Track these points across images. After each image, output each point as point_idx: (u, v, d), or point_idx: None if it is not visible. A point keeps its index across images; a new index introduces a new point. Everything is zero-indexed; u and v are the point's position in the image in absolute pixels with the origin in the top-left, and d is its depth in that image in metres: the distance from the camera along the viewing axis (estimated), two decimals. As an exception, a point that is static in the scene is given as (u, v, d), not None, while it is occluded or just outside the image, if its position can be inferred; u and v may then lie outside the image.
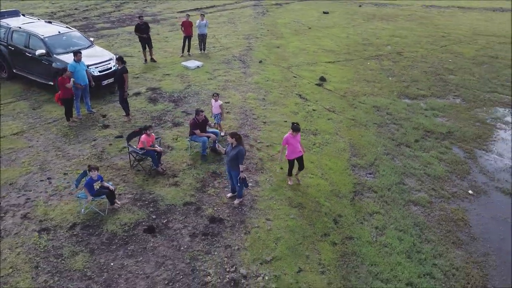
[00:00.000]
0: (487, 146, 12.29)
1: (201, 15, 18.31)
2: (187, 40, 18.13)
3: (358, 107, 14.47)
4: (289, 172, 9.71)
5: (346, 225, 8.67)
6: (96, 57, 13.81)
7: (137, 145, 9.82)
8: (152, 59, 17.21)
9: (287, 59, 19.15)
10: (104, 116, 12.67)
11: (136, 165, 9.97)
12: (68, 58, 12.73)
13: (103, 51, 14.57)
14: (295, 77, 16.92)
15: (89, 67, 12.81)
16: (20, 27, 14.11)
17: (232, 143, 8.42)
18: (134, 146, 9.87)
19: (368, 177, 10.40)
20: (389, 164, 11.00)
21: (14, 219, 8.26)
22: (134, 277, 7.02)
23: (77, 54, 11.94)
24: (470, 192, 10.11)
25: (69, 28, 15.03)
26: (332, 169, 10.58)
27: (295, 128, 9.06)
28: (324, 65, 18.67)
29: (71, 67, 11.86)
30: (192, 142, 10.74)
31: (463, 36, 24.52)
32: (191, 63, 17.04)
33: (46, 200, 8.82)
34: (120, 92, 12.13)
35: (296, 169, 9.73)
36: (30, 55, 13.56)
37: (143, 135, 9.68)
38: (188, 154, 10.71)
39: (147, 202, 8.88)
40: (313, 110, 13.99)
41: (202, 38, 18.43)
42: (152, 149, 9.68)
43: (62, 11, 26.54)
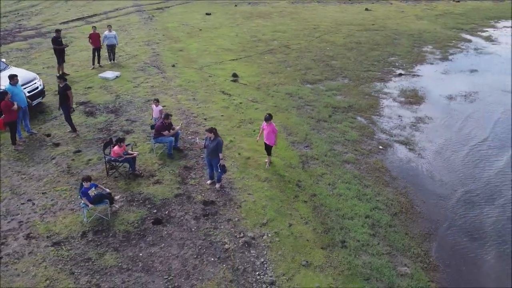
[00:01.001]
0: (379, 112, 15.91)
1: (108, 26, 18.64)
2: (97, 52, 18.29)
3: (275, 96, 16.90)
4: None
5: (307, 187, 10.95)
6: (20, 78, 13.49)
7: (110, 155, 10.54)
8: (64, 73, 17.07)
9: (195, 61, 20.65)
10: (49, 135, 12.68)
11: (113, 173, 10.69)
12: None
13: (25, 72, 14.23)
14: (211, 76, 18.60)
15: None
16: None
17: (210, 137, 9.94)
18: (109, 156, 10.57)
19: (307, 149, 12.86)
20: (318, 137, 13.65)
21: (19, 241, 8.50)
22: (166, 259, 8.19)
23: (14, 78, 11.82)
24: (381, 147, 13.35)
25: None
26: (278, 148, 12.70)
27: (265, 118, 10.97)
28: (230, 63, 20.70)
29: (9, 91, 11.69)
30: (156, 144, 11.77)
31: (330, 27, 29.03)
32: (109, 74, 17.39)
33: (41, 219, 9.13)
34: (65, 109, 12.37)
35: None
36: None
37: (116, 147, 10.44)
38: (155, 156, 11.73)
39: (142, 201, 9.85)
40: (240, 103, 15.95)
41: (111, 49, 18.77)
42: (130, 156, 10.55)
43: None
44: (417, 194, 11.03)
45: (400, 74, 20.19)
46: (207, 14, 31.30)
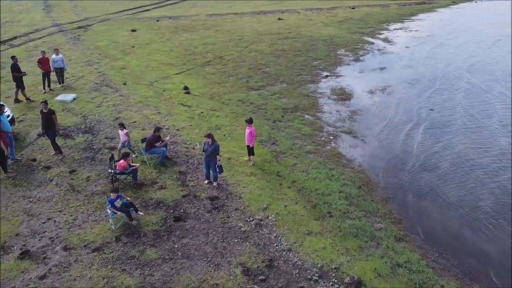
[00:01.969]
0: (321, 109, 18.76)
1: (55, 50, 18.90)
2: (47, 76, 18.49)
3: (229, 104, 18.85)
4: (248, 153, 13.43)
5: (286, 175, 13.15)
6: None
7: (116, 169, 11.64)
8: (28, 99, 17.27)
9: (142, 77, 21.68)
10: (34, 160, 13.14)
11: (117, 184, 11.77)
12: None
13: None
14: (164, 91, 19.90)
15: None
16: None
17: (208, 142, 11.64)
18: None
19: (274, 146, 15.08)
20: (279, 135, 15.95)
21: (59, 254, 9.37)
22: (199, 246, 9.75)
23: (1, 107, 12.19)
24: (331, 138, 16.10)
25: None
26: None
27: (245, 120, 12.89)
28: (176, 77, 22.11)
29: None
30: (148, 155, 13.02)
31: (253, 37, 31.69)
32: (66, 97, 17.78)
33: (70, 233, 10.02)
34: (51, 133, 12.98)
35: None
36: None
37: (122, 160, 11.59)
38: (149, 166, 12.97)
39: (156, 205, 11.17)
40: (201, 113, 17.62)
41: (60, 72, 19.05)
42: (134, 168, 11.75)
43: None
44: (370, 170, 13.90)
45: (327, 76, 23.46)
46: (133, 31, 31.92)
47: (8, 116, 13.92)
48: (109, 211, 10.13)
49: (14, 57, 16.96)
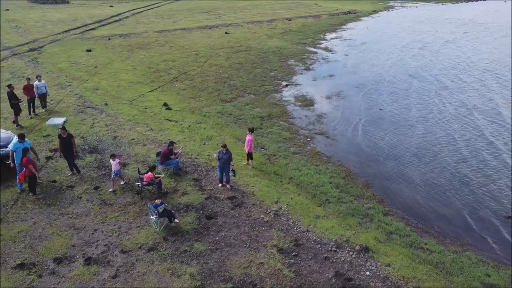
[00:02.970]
0: (291, 115, 21.40)
1: (38, 77, 19.53)
2: (32, 102, 19.10)
3: (210, 116, 20.81)
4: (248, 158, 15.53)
5: (283, 174, 15.52)
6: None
7: (144, 180, 13.21)
8: (19, 125, 17.84)
9: (120, 97, 22.79)
10: (55, 182, 14.15)
11: (144, 195, 13.33)
12: None
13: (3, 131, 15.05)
14: (146, 109, 21.30)
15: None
16: None
17: (223, 151, 13.65)
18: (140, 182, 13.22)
19: (264, 150, 17.37)
20: (264, 140, 18.28)
21: (119, 256, 10.83)
22: (235, 236, 11.74)
23: (22, 136, 13.09)
24: (308, 139, 18.78)
25: None
26: (243, 153, 16.88)
27: (248, 129, 15.02)
28: (151, 94, 23.52)
29: (14, 147, 12.96)
30: (163, 167, 14.66)
31: (208, 52, 33.68)
32: (56, 121, 18.54)
33: (121, 239, 11.48)
34: (71, 156, 14.13)
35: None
36: None
37: (149, 173, 13.20)
38: (164, 176, 14.60)
39: (185, 208, 12.92)
40: (189, 126, 19.39)
41: (43, 97, 19.70)
42: (160, 178, 13.40)
43: None
44: (348, 163, 16.76)
45: (286, 85, 26.25)
46: (88, 51, 32.33)
47: (7, 152, 14.44)
48: (152, 217, 11.75)
49: (11, 86, 17.54)
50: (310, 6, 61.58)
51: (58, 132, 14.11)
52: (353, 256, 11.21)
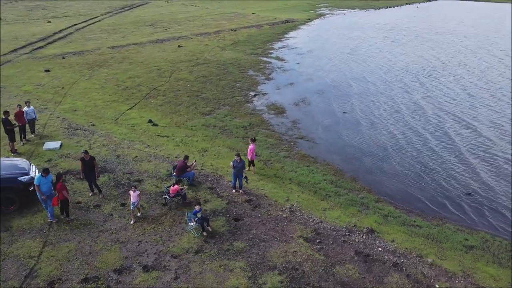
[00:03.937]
0: (269, 123, 23.61)
1: (26, 102, 19.71)
2: (23, 129, 19.29)
3: (197, 129, 22.32)
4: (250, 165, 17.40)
5: (282, 175, 17.66)
6: (21, 167, 14.97)
7: (170, 193, 14.61)
8: (16, 151, 18.02)
9: (102, 117, 23.40)
10: (79, 203, 14.97)
11: (171, 206, 14.71)
12: None
13: (17, 160, 15.45)
14: (133, 126, 22.25)
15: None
16: None
17: (237, 160, 15.46)
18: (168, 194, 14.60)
19: (258, 157, 19.35)
20: (256, 148, 20.26)
21: (172, 261, 12.20)
22: (265, 232, 13.63)
23: (46, 171, 13.69)
24: (292, 144, 21.11)
25: None
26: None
27: (251, 139, 16.90)
28: (131, 112, 24.38)
29: (37, 181, 13.54)
30: (180, 179, 16.06)
31: (169, 66, 34.76)
32: (53, 145, 18.93)
33: (167, 246, 12.82)
34: (93, 177, 15.05)
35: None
36: None
37: (175, 186, 14.62)
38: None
39: (212, 213, 14.49)
40: (181, 140, 20.79)
41: (32, 123, 19.92)
42: (184, 190, 14.87)
43: None
44: (333, 162, 19.34)
45: (255, 95, 28.41)
46: (47, 71, 31.87)
47: (32, 179, 14.78)
48: (191, 223, 13.27)
49: (7, 112, 17.67)
50: (249, 16, 64.41)
51: (81, 156, 14.92)
52: (364, 237, 13.66)
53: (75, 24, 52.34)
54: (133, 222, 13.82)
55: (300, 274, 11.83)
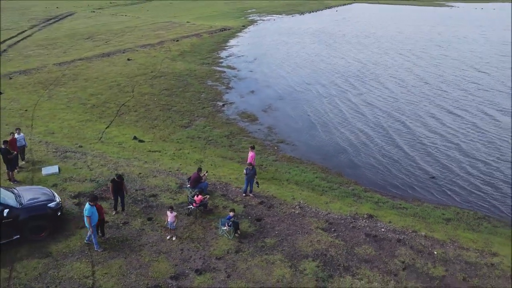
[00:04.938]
0: (248, 131, 25.54)
1: (17, 129, 19.48)
2: (16, 157, 19.09)
3: (183, 142, 23.54)
4: None
5: (279, 177, 19.75)
6: (46, 193, 15.34)
7: (195, 203, 16.00)
8: (15, 180, 17.93)
9: (83, 137, 23.53)
10: (107, 222, 15.69)
11: (196, 215, 16.10)
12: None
13: (37, 188, 15.70)
14: (121, 144, 22.82)
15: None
16: None
17: (250, 167, 17.26)
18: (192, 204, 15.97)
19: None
20: (244, 155, 22.09)
21: (219, 262, 13.71)
22: (286, 228, 15.60)
23: (94, 199, 14.27)
24: (275, 148, 23.29)
25: None
26: (238, 170, 20.42)
27: (250, 147, 18.70)
28: (111, 130, 24.76)
29: (89, 212, 14.07)
30: (193, 190, 17.41)
31: (127, 81, 34.91)
32: (52, 169, 18.96)
33: (208, 250, 14.24)
34: (122, 195, 15.92)
35: None
36: None
37: (199, 196, 16.02)
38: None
39: (235, 217, 16.17)
40: (173, 153, 21.93)
41: (22, 150, 19.74)
42: (207, 199, 16.33)
43: None
44: (318, 161, 21.87)
45: (223, 105, 30.08)
46: (0, 93, 30.52)
47: (58, 204, 15.30)
48: (225, 228, 14.85)
49: (7, 142, 17.49)
50: (185, 25, 65.22)
51: (113, 177, 15.75)
52: (367, 222, 16.29)
53: (5, 40, 49.24)
54: (169, 238, 14.80)
55: (330, 258, 14.04)
